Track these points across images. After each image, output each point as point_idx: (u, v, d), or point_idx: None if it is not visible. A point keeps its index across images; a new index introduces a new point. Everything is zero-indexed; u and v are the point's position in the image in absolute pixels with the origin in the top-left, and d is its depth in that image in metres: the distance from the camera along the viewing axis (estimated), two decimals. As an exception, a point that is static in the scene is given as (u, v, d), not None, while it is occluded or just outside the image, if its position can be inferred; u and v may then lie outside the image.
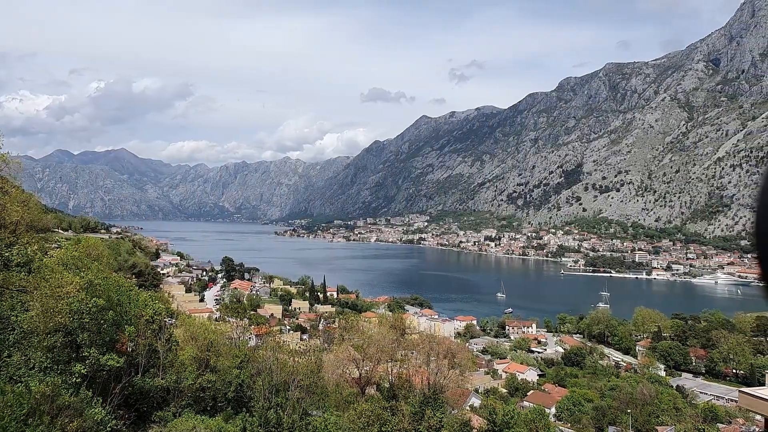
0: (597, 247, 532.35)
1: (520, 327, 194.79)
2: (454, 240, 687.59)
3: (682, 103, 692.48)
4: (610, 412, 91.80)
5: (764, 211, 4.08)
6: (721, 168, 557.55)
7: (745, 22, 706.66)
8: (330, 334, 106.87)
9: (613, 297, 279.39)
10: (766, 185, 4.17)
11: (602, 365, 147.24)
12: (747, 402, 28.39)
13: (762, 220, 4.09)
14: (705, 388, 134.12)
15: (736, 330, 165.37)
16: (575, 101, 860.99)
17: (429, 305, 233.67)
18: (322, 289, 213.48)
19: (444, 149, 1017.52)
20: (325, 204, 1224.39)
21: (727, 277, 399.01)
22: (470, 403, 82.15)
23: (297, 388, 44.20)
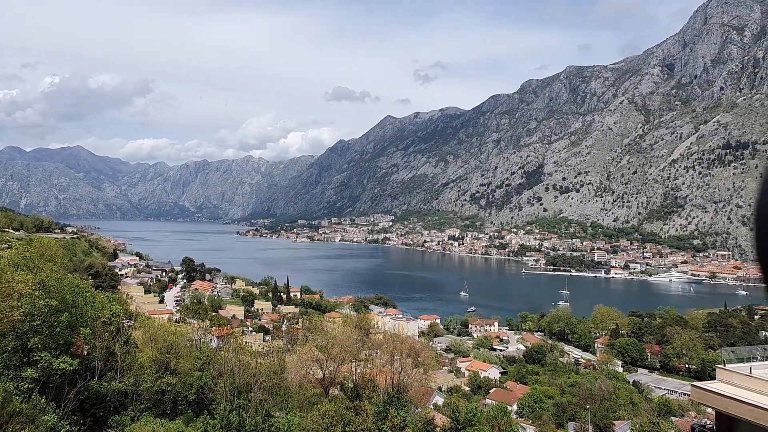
0: (557, 246, 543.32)
1: (483, 325, 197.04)
2: (418, 240, 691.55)
3: (639, 107, 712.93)
4: (570, 408, 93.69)
5: (764, 211, 4.08)
6: (676, 170, 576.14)
7: (698, 29, 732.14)
8: (293, 335, 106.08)
9: (572, 295, 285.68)
10: (766, 186, 4.17)
11: (562, 362, 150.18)
12: (699, 395, 29.31)
13: (762, 221, 4.08)
14: (660, 383, 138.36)
15: (689, 326, 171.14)
16: (537, 103, 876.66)
17: (393, 305, 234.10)
18: (285, 290, 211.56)
19: (409, 149, 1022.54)
20: (288, 203, 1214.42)
21: (680, 276, 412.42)
22: (434, 402, 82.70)
23: (260, 389, 43.68)
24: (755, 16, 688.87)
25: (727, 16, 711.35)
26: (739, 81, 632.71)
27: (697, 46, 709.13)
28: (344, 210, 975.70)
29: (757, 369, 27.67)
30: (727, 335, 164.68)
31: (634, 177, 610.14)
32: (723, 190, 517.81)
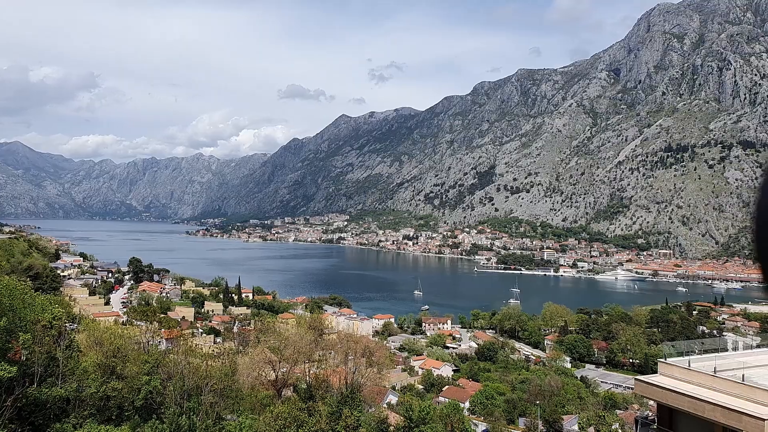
0: (508, 245, 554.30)
1: (436, 323, 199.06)
2: (373, 239, 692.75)
3: (587, 110, 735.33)
4: (521, 404, 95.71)
5: (764, 212, 4.05)
6: (621, 171, 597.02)
7: (642, 36, 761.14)
8: (245, 337, 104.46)
9: (523, 293, 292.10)
10: (765, 186, 4.15)
11: (513, 359, 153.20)
12: (642, 389, 30.47)
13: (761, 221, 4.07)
14: (606, 378, 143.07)
15: (633, 322, 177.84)
16: (489, 105, 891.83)
17: (348, 305, 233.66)
18: (236, 291, 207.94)
19: (364, 149, 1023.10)
20: (240, 202, 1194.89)
21: (625, 274, 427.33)
22: (387, 401, 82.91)
23: (210, 392, 42.83)
24: (694, 25, 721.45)
25: (669, 24, 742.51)
26: (679, 87, 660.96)
27: (641, 52, 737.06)
28: (298, 209, 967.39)
29: (695, 362, 28.95)
30: (668, 330, 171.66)
31: (582, 178, 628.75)
32: (665, 192, 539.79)
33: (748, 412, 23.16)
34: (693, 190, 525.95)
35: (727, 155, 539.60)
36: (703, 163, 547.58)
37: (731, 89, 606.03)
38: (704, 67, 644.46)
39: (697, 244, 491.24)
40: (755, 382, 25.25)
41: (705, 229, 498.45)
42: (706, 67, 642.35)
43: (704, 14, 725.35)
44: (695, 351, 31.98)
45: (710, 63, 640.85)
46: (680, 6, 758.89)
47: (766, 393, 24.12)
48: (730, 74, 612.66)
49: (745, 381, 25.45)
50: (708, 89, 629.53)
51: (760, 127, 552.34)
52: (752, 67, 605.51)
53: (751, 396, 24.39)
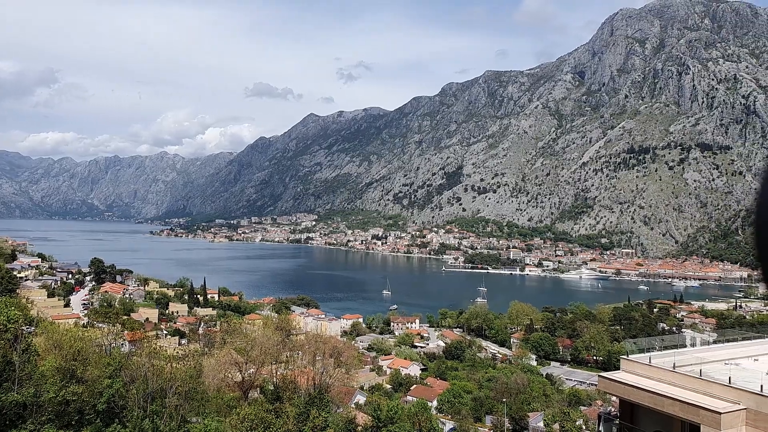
0: (475, 245, 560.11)
1: (405, 323, 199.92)
2: (342, 239, 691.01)
3: (553, 111, 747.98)
4: (488, 402, 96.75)
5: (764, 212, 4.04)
6: (586, 172, 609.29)
7: (606, 39, 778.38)
8: (211, 338, 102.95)
9: (490, 292, 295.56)
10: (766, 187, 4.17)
11: (480, 357, 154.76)
12: (605, 385, 31.13)
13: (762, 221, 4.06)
14: (570, 375, 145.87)
15: (597, 320, 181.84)
16: (457, 106, 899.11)
17: (316, 305, 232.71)
18: (202, 292, 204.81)
19: (332, 148, 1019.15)
20: (205, 202, 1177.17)
21: (589, 272, 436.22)
22: (356, 401, 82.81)
23: (175, 395, 42.10)
24: (655, 30, 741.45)
25: (631, 29, 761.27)
26: (641, 90, 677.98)
27: (604, 55, 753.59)
28: (265, 209, 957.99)
29: (656, 358, 29.72)
30: (630, 328, 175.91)
31: (548, 179, 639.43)
32: (627, 192, 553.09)
33: (704, 405, 23.87)
34: (654, 191, 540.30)
35: (686, 157, 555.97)
36: (663, 165, 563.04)
37: (690, 93, 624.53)
38: (665, 72, 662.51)
39: (658, 243, 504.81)
40: (712, 377, 26.05)
41: (665, 228, 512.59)
42: (666, 72, 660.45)
43: (665, 20, 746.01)
44: (656, 348, 32.81)
45: (670, 67, 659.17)
46: (642, 11, 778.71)
47: (722, 387, 24.89)
48: (689, 78, 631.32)
49: (702, 376, 26.23)
50: (668, 93, 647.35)
51: (716, 130, 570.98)
52: (709, 72, 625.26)
53: (707, 390, 25.14)
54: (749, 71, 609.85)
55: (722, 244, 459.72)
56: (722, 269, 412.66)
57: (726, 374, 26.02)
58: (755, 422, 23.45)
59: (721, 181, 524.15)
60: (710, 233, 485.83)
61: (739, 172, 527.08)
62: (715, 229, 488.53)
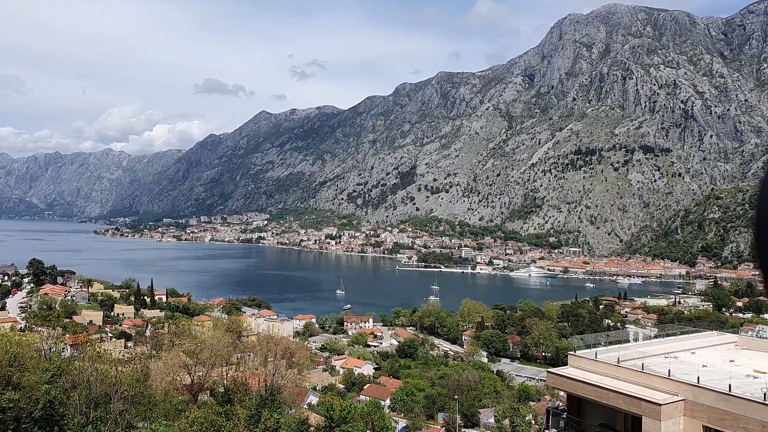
0: (429, 244, 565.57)
1: (358, 322, 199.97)
2: (295, 239, 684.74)
3: (503, 113, 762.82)
4: (440, 399, 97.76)
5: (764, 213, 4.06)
6: (535, 173, 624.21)
7: (554, 43, 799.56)
8: (159, 340, 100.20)
9: (442, 290, 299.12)
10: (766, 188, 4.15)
11: (433, 355, 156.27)
12: (553, 381, 31.90)
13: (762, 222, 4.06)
14: (520, 371, 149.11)
15: (546, 317, 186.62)
16: (410, 106, 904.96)
17: (267, 306, 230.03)
18: (149, 293, 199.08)
19: (285, 146, 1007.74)
20: (153, 201, 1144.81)
21: (538, 271, 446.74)
22: (308, 401, 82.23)
23: (120, 399, 40.85)
24: (601, 35, 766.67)
25: (579, 33, 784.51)
26: (588, 93, 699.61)
27: (553, 59, 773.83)
28: (215, 208, 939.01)
29: (602, 354, 30.65)
30: (577, 324, 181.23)
31: (498, 179, 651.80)
32: (574, 193, 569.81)
33: (646, 398, 24.77)
34: (600, 192, 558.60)
35: (630, 159, 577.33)
36: (609, 166, 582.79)
37: (633, 97, 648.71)
38: (610, 76, 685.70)
39: (604, 242, 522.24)
40: (653, 370, 27.06)
41: (611, 228, 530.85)
42: (611, 76, 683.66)
43: (610, 26, 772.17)
44: (601, 343, 33.86)
45: (615, 72, 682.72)
46: (589, 17, 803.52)
47: (662, 380, 25.89)
48: (633, 83, 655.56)
49: (644, 369, 27.21)
50: (613, 96, 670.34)
51: (658, 133, 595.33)
52: (651, 77, 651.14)
53: (649, 383, 26.10)
54: (687, 77, 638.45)
55: (663, 243, 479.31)
56: (663, 267, 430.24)
57: (666, 367, 27.08)
58: (692, 412, 24.50)
59: (662, 182, 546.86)
60: (652, 232, 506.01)
61: (679, 173, 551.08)
62: (656, 228, 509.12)
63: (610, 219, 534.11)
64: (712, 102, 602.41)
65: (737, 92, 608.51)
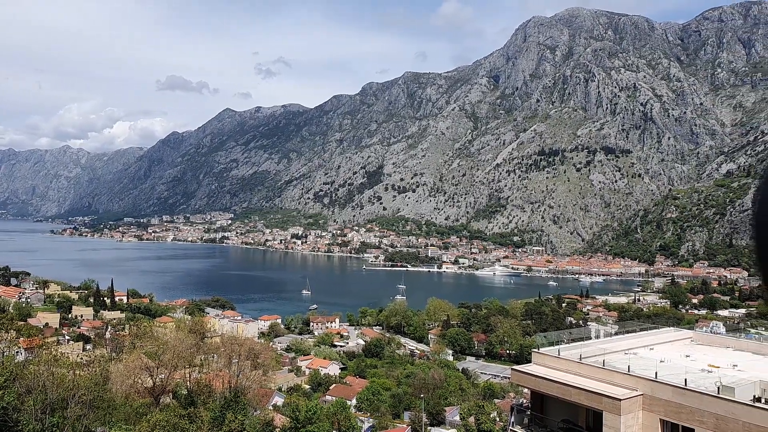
0: (395, 243, 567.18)
1: (324, 323, 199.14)
2: (259, 238, 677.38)
3: (469, 114, 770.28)
4: (406, 398, 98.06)
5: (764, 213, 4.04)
6: (499, 173, 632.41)
7: (519, 45, 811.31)
8: (119, 342, 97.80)
9: (409, 290, 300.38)
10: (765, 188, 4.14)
11: (399, 354, 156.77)
12: (517, 378, 32.36)
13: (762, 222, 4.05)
14: (485, 369, 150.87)
15: (510, 315, 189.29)
16: (377, 106, 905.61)
17: (232, 306, 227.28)
18: (109, 294, 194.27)
19: (249, 145, 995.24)
20: (113, 199, 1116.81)
21: (502, 269, 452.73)
22: (274, 402, 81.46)
23: (78, 404, 39.73)
24: (564, 38, 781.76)
25: (543, 36, 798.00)
26: (551, 95, 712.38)
27: (518, 61, 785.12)
28: (177, 207, 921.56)
29: (564, 351, 31.22)
30: (540, 322, 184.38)
31: (464, 179, 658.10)
32: (538, 193, 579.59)
33: (606, 393, 25.35)
34: (563, 192, 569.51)
35: (592, 159, 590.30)
36: (571, 167, 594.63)
37: (595, 99, 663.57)
38: (573, 78, 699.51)
39: (566, 241, 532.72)
40: (613, 366, 27.70)
41: (573, 227, 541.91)
42: (574, 78, 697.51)
43: (573, 29, 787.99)
44: (564, 340, 34.48)
45: (578, 74, 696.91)
46: (552, 20, 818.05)
47: (622, 375, 26.52)
48: (595, 85, 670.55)
49: (605, 366, 27.83)
50: (576, 98, 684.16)
51: (618, 135, 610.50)
52: (612, 80, 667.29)
53: (609, 379, 26.70)
54: (647, 81, 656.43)
55: (623, 242, 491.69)
56: (623, 265, 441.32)
57: (626, 363, 27.76)
58: (650, 406, 25.17)
59: (623, 183, 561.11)
60: (613, 231, 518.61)
61: (638, 174, 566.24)
62: (617, 227, 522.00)
63: (573, 218, 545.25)
64: (669, 105, 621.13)
65: (693, 96, 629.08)
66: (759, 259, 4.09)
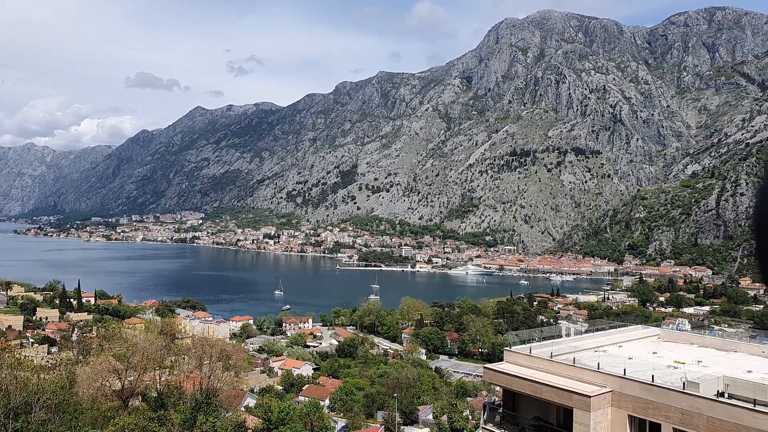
0: (369, 243, 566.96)
1: (297, 323, 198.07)
2: (231, 238, 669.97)
3: (442, 114, 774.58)
4: (380, 397, 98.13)
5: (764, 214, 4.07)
6: (472, 173, 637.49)
7: (491, 47, 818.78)
8: (86, 345, 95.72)
9: (383, 289, 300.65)
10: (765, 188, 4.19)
11: (373, 354, 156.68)
12: (490, 376, 32.64)
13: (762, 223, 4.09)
14: (458, 367, 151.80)
15: (482, 314, 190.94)
16: (351, 105, 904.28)
17: (203, 307, 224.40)
18: (76, 295, 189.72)
19: (221, 143, 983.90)
20: (80, 198, 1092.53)
21: (475, 268, 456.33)
22: (246, 404, 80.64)
23: (43, 408, 38.81)
24: (536, 40, 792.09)
25: (515, 38, 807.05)
26: (523, 96, 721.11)
27: (490, 62, 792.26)
28: (147, 206, 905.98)
29: (536, 349, 31.58)
30: (512, 320, 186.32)
31: (437, 179, 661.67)
32: (510, 193, 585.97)
33: (576, 390, 25.73)
34: (534, 192, 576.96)
35: (563, 160, 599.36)
36: (542, 167, 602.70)
37: (566, 101, 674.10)
38: (544, 80, 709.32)
39: (537, 240, 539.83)
40: (584, 364, 28.13)
41: (544, 227, 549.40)
42: (545, 80, 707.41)
43: (544, 31, 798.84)
44: (536, 339, 34.87)
45: (549, 76, 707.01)
46: (524, 22, 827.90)
47: (592, 373, 26.95)
48: (566, 87, 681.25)
49: (575, 363, 28.24)
50: (547, 99, 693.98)
51: (588, 136, 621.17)
52: (583, 82, 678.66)
53: (580, 376, 27.10)
54: (616, 83, 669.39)
55: (593, 241, 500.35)
56: (593, 264, 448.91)
57: (596, 361, 28.22)
58: (619, 403, 25.64)
59: (593, 183, 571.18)
60: (583, 231, 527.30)
61: (608, 175, 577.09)
62: (587, 227, 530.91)
63: (544, 218, 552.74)
64: (638, 107, 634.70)
65: (660, 98, 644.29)
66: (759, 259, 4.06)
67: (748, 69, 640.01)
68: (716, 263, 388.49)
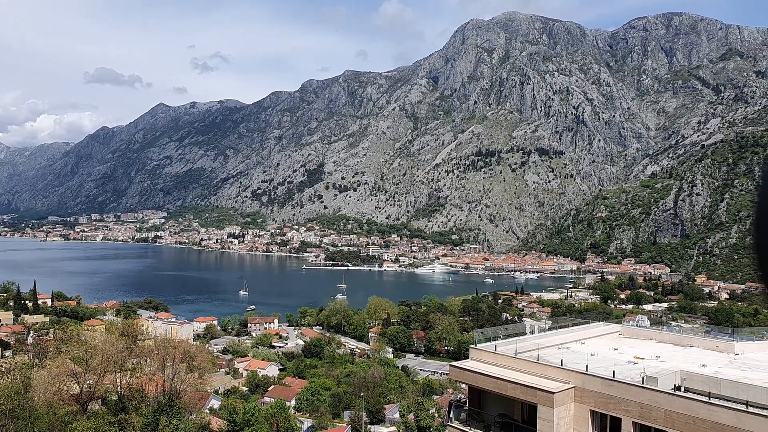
0: (336, 242, 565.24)
1: (263, 323, 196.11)
2: (194, 238, 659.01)
3: (409, 114, 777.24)
4: (346, 397, 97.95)
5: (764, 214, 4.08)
6: (438, 173, 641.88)
7: (457, 47, 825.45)
8: (42, 348, 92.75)
9: (350, 288, 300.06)
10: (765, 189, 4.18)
11: (339, 354, 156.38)
12: (455, 374, 32.84)
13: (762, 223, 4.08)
14: (424, 366, 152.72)
15: (448, 312, 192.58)
16: (317, 103, 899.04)
17: (165, 308, 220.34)
18: (31, 297, 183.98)
19: (184, 141, 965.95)
20: (36, 197, 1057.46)
21: (441, 267, 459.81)
22: (210, 406, 79.45)
23: (-5, 415, 37.27)
24: (501, 41, 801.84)
25: (480, 39, 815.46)
26: (488, 97, 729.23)
27: (457, 62, 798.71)
28: (107, 205, 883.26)
29: (501, 346, 31.93)
30: (478, 318, 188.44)
31: (404, 178, 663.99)
32: (475, 192, 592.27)
33: (541, 387, 26.12)
34: (499, 191, 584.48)
35: (527, 160, 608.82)
36: (507, 167, 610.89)
37: (530, 101, 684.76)
38: (509, 81, 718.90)
39: (502, 239, 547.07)
40: (547, 361, 28.58)
41: (509, 226, 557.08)
42: (510, 81, 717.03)
43: (509, 32, 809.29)
44: (501, 336, 35.29)
45: (514, 77, 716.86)
46: (490, 23, 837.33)
47: (555, 369, 27.40)
48: (530, 88, 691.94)
49: (539, 360, 28.67)
50: (512, 100, 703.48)
51: (552, 137, 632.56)
52: (547, 84, 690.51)
53: (544, 373, 27.53)
54: (579, 85, 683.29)
55: (556, 240, 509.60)
56: (556, 263, 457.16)
57: (559, 357, 28.70)
58: (581, 398, 26.14)
59: (556, 183, 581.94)
60: (546, 230, 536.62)
61: (571, 175, 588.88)
62: (550, 226, 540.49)
63: (508, 217, 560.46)
64: (600, 108, 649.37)
65: (621, 100, 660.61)
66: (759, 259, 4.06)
67: (704, 73, 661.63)
68: (673, 261, 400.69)
